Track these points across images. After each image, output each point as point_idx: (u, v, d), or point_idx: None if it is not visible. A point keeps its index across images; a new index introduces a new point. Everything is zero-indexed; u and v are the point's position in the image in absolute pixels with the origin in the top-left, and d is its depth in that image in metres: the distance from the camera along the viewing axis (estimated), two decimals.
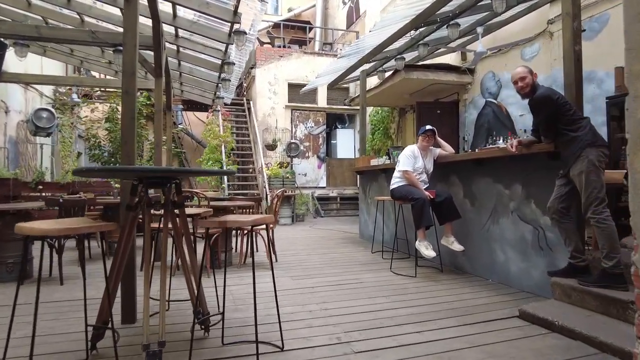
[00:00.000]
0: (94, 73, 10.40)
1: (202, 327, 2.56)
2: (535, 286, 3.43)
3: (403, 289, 3.65)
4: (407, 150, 4.39)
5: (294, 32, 15.27)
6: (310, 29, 14.72)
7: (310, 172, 12.21)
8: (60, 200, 3.91)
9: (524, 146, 3.23)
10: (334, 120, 13.66)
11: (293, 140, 11.28)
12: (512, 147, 3.18)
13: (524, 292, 3.50)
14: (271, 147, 11.09)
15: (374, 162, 6.18)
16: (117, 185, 7.97)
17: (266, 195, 9.69)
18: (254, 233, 5.22)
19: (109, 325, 2.14)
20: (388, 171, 5.95)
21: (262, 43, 14.23)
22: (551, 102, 2.90)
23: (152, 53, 4.84)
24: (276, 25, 14.65)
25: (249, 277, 4.10)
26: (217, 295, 3.05)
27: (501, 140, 6.81)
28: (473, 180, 4.21)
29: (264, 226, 4.66)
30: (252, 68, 11.99)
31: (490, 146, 4.06)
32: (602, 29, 5.25)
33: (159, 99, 5.04)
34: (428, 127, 4.35)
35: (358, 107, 12.16)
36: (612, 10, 5.13)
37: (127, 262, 2.67)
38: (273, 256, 4.95)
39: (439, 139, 4.45)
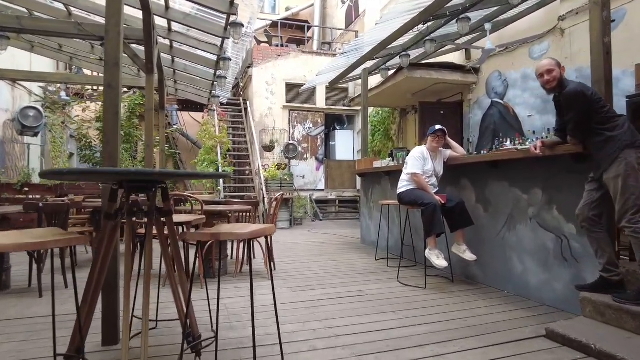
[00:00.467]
0: (85, 71, 10.08)
1: (193, 351, 2.25)
2: (559, 300, 3.14)
3: (413, 303, 3.36)
4: (415, 151, 4.10)
5: (292, 32, 14.99)
6: (309, 28, 14.44)
7: (308, 174, 11.91)
8: (40, 205, 3.58)
9: (547, 147, 2.94)
10: (332, 122, 13.37)
11: (291, 142, 10.99)
12: (535, 148, 2.89)
13: (545, 306, 3.22)
14: (268, 148, 10.79)
15: (377, 164, 5.89)
16: None
17: (263, 197, 9.39)
18: (251, 241, 4.92)
19: (81, 355, 1.83)
20: (392, 174, 5.68)
21: (259, 42, 13.94)
22: (584, 98, 2.61)
23: (143, 48, 4.55)
24: (274, 24, 14.37)
25: (245, 288, 3.80)
26: (209, 309, 2.74)
27: (508, 142, 6.54)
28: (487, 184, 3.93)
29: None
30: (249, 67, 11.69)
31: (507, 147, 3.78)
32: (618, 25, 4.98)
33: (150, 97, 4.73)
34: (438, 126, 4.06)
35: (358, 108, 11.92)
36: (630, 5, 4.88)
37: (109, 276, 2.37)
38: (272, 265, 4.64)
39: (449, 139, 4.17)
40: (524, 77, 6.48)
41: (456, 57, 7.90)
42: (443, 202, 3.85)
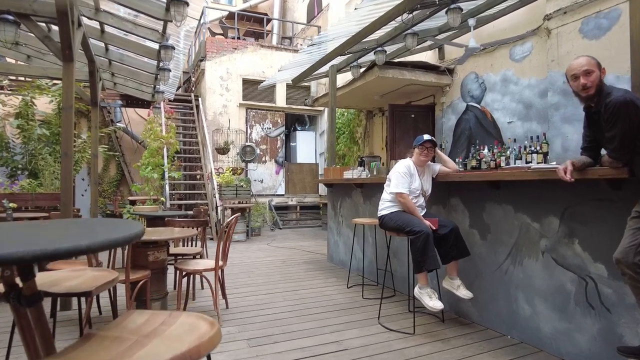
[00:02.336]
0: (9, 60, 8.58)
1: None
2: (583, 356, 2.55)
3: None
4: (400, 165, 3.40)
5: (250, 24, 14.00)
6: (268, 21, 13.52)
7: (267, 178, 11.03)
8: None
9: (576, 170, 2.32)
10: (293, 122, 12.56)
11: (248, 143, 10.06)
12: (565, 172, 2.26)
13: None
14: (223, 150, 9.80)
15: (348, 174, 5.17)
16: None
17: (216, 206, 8.42)
18: (195, 275, 4.04)
19: None
20: (365, 186, 4.98)
21: (213, 34, 12.85)
22: (636, 109, 2.01)
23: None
24: (230, 16, 13.32)
25: None
26: None
27: (486, 150, 6.07)
28: (484, 206, 3.31)
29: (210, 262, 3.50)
30: (201, 60, 10.62)
31: (518, 165, 3.17)
32: (611, 27, 4.56)
33: (69, 91, 3.73)
34: (426, 136, 3.39)
35: (320, 108, 11.19)
36: (625, 5, 4.45)
37: None
38: (225, 301, 3.79)
39: (438, 151, 3.51)
40: (504, 80, 6.00)
41: (429, 57, 7.35)
42: (434, 227, 3.18)
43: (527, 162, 5.42)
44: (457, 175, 3.31)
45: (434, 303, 3.03)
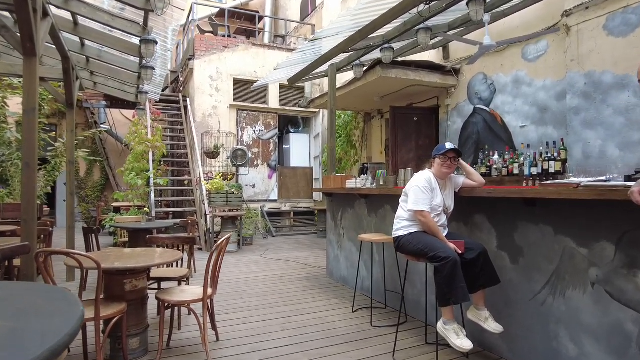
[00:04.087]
0: None
1: None
2: None
3: None
4: (419, 179, 2.94)
5: (241, 22, 13.48)
6: (260, 18, 13.01)
7: (259, 183, 10.53)
8: None
9: None
10: (286, 124, 12.07)
11: (240, 147, 9.54)
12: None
13: None
14: (212, 154, 9.26)
15: (351, 183, 4.71)
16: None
17: (205, 214, 7.90)
18: (180, 307, 3.53)
19: None
20: (370, 197, 4.52)
21: (202, 31, 12.31)
22: None
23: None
24: (220, 14, 12.79)
25: None
26: None
27: (496, 155, 5.67)
28: (516, 226, 2.87)
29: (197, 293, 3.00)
30: (190, 59, 10.08)
31: (560, 181, 2.73)
32: (635, 28, 4.17)
33: (30, 91, 3.19)
34: (449, 145, 2.93)
35: (315, 110, 10.72)
36: None
37: None
38: (215, 332, 3.30)
39: (462, 162, 3.06)
40: (515, 81, 5.60)
41: (432, 56, 6.94)
42: (460, 251, 2.73)
43: (543, 170, 5.03)
44: (486, 190, 2.86)
45: (462, 342, 2.58)
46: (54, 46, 4.28)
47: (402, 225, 2.97)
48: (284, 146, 11.96)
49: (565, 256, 2.55)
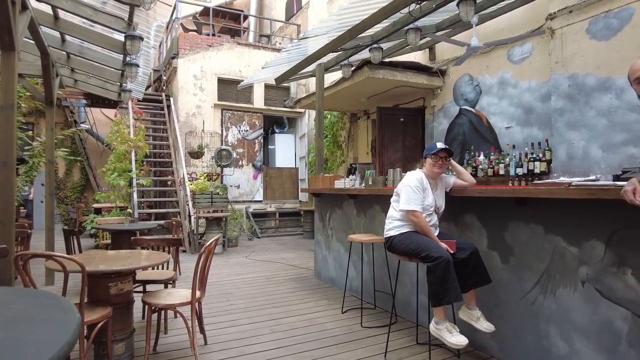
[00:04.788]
0: None
1: None
2: None
3: None
4: (411, 178, 2.93)
5: (225, 21, 13.33)
6: (245, 17, 12.90)
7: (244, 183, 10.41)
8: None
9: None
10: (271, 124, 11.98)
11: (224, 147, 9.42)
12: (635, 194, 1.83)
13: None
14: (196, 155, 9.11)
15: (340, 183, 4.68)
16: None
17: (189, 215, 7.76)
18: (167, 310, 3.44)
19: None
20: (359, 197, 4.51)
21: (186, 30, 12.13)
22: None
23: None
24: (204, 12, 12.62)
25: None
26: None
27: (482, 156, 5.73)
28: (506, 225, 2.88)
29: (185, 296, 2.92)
30: (173, 58, 9.90)
31: (551, 181, 2.75)
32: (622, 27, 4.26)
33: (8, 87, 3.07)
34: (440, 144, 2.94)
35: (301, 110, 10.67)
36: (638, 5, 4.16)
37: None
38: (204, 336, 3.22)
39: (453, 162, 3.07)
40: (501, 83, 5.67)
41: (418, 57, 6.97)
42: (452, 251, 2.73)
43: (529, 170, 5.10)
44: (477, 190, 2.87)
45: (456, 339, 2.57)
46: (33, 41, 4.13)
47: (393, 225, 2.96)
48: (269, 146, 11.87)
49: (555, 255, 2.57)
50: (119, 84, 6.30)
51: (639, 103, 1.96)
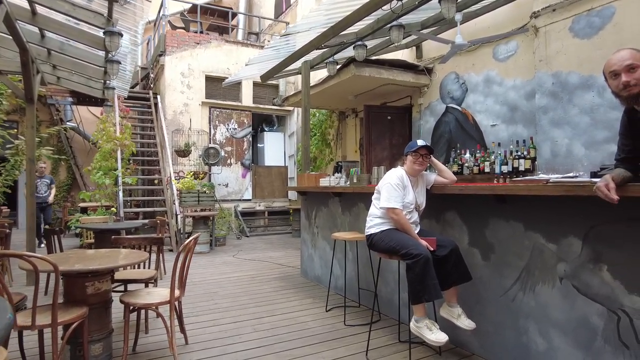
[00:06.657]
0: None
1: None
2: None
3: None
4: (392, 176, 2.92)
5: (214, 19, 13.22)
6: (233, 15, 12.81)
7: (232, 182, 10.35)
8: None
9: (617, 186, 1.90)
10: (260, 122, 11.93)
11: (212, 145, 9.35)
12: (608, 189, 1.83)
13: None
14: (183, 153, 9.03)
15: (325, 181, 4.67)
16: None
17: (176, 214, 7.70)
18: (147, 310, 3.39)
19: None
20: (344, 195, 4.49)
21: (174, 27, 12.01)
22: None
23: None
24: (192, 9, 12.50)
25: None
26: None
27: (468, 154, 5.75)
28: (487, 223, 2.89)
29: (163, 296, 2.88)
30: (160, 55, 9.80)
31: (530, 178, 2.76)
32: (604, 26, 4.29)
33: None
34: (420, 142, 2.93)
35: (290, 108, 10.63)
36: (619, 3, 4.19)
37: None
38: (184, 335, 3.18)
39: (433, 159, 3.06)
40: (486, 81, 5.69)
41: (405, 55, 6.97)
42: (432, 248, 2.73)
43: (514, 168, 5.13)
44: (457, 187, 2.87)
45: (436, 336, 2.57)
46: (10, 37, 4.04)
47: (374, 222, 2.95)
48: (258, 145, 11.82)
49: (534, 252, 2.58)
50: (102, 81, 6.21)
51: (621, 104, 1.95)
